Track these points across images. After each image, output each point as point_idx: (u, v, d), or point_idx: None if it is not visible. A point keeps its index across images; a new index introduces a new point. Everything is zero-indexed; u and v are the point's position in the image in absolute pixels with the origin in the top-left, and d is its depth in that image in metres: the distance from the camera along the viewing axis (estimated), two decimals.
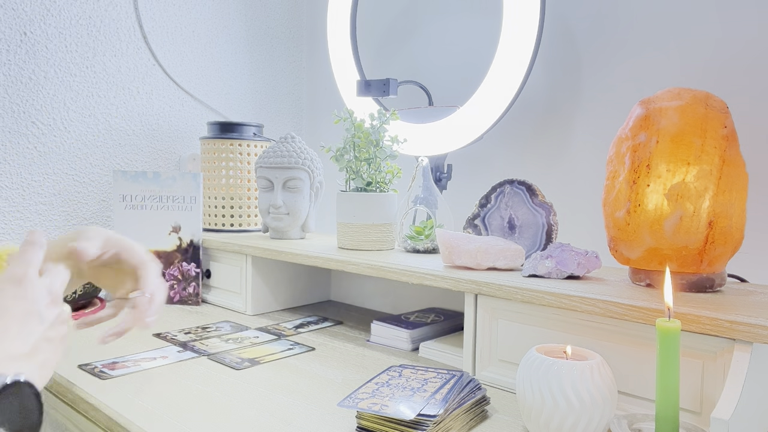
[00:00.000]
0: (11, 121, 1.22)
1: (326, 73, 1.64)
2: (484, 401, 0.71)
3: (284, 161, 1.20)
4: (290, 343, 1.01)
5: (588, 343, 0.72)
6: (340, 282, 1.38)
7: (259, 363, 0.90)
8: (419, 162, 1.11)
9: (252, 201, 1.38)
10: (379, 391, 0.66)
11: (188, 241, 1.26)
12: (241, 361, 0.90)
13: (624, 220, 0.75)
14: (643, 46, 1.06)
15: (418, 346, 0.98)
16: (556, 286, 0.76)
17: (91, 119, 1.33)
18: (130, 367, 0.86)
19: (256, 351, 0.96)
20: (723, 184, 0.71)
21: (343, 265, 0.99)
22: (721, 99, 0.75)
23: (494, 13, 1.12)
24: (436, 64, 1.36)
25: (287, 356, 0.93)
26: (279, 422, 0.68)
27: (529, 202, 0.94)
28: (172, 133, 1.47)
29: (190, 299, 1.26)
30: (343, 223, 1.09)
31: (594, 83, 1.12)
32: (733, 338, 0.60)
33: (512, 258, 0.88)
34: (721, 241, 0.71)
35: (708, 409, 0.63)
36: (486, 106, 1.12)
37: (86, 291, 1.13)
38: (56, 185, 1.28)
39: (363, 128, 1.07)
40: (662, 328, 0.56)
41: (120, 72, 1.37)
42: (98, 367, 0.85)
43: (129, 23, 1.37)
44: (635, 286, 0.78)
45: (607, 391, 0.59)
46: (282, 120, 1.71)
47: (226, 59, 1.57)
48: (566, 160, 1.16)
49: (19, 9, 1.21)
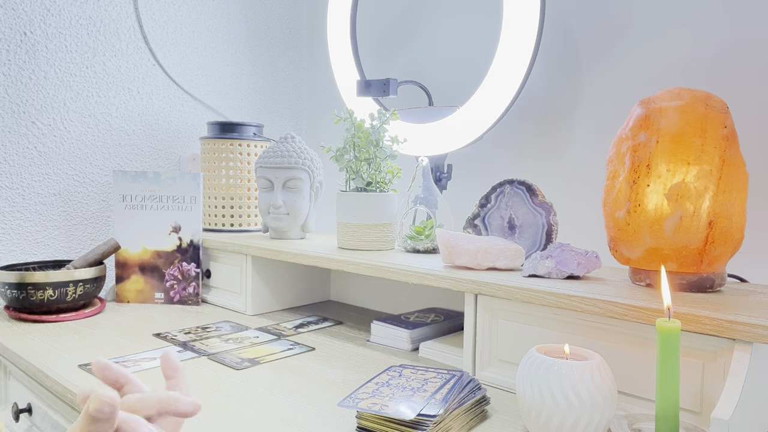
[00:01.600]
0: (11, 121, 1.22)
1: (326, 73, 1.64)
2: (484, 401, 0.71)
3: (284, 161, 1.20)
4: (290, 343, 1.01)
5: (588, 343, 0.72)
6: (340, 282, 1.38)
7: (259, 363, 0.90)
8: (419, 162, 1.11)
9: (252, 201, 1.38)
10: (379, 391, 0.66)
11: (188, 241, 1.26)
12: (241, 361, 0.90)
13: (624, 220, 0.75)
14: (643, 45, 1.06)
15: (418, 346, 0.98)
16: (556, 286, 0.76)
17: (91, 119, 1.33)
18: (130, 367, 0.86)
19: (256, 351, 0.96)
20: (723, 184, 0.71)
21: (343, 265, 0.99)
22: (721, 99, 0.75)
23: (494, 13, 1.12)
24: (436, 64, 1.36)
25: (287, 356, 0.93)
26: (279, 422, 0.68)
27: (529, 202, 0.94)
28: (172, 133, 1.47)
29: (190, 299, 1.26)
30: (343, 223, 1.09)
31: (594, 83, 1.12)
32: (733, 338, 0.60)
33: (512, 258, 0.88)
34: (721, 241, 0.71)
35: (708, 409, 0.63)
36: (486, 106, 1.12)
37: (86, 291, 1.13)
38: (56, 185, 1.28)
39: (363, 128, 1.07)
40: (662, 328, 0.56)
41: (120, 72, 1.37)
42: None
43: (129, 23, 1.37)
44: (635, 286, 0.78)
45: (607, 391, 0.59)
46: (282, 120, 1.71)
47: (226, 59, 1.57)
48: (566, 160, 1.16)
49: (19, 9, 1.21)
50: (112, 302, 1.27)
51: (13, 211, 1.23)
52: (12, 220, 1.23)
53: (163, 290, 1.26)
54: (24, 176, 1.24)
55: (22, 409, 0.97)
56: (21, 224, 1.24)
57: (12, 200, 1.22)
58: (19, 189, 1.23)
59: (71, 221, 1.31)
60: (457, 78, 1.31)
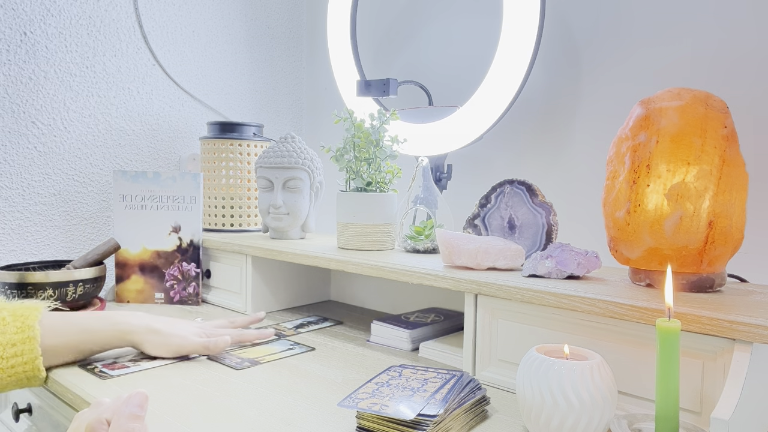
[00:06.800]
0: (11, 121, 1.22)
1: (326, 73, 1.64)
2: (484, 401, 0.71)
3: (284, 161, 1.20)
4: (290, 343, 1.01)
5: (588, 343, 0.72)
6: (340, 282, 1.38)
7: (259, 363, 0.90)
8: (419, 162, 1.11)
9: (252, 201, 1.38)
10: (379, 391, 0.66)
11: (188, 241, 1.26)
12: (241, 361, 0.90)
13: (624, 220, 0.75)
14: (643, 46, 1.06)
15: (418, 346, 0.98)
16: (556, 286, 0.76)
17: (91, 119, 1.33)
18: (130, 367, 0.86)
19: (256, 351, 0.96)
20: (723, 184, 0.71)
21: (343, 265, 0.99)
22: (721, 99, 0.75)
23: (494, 13, 1.12)
24: (436, 64, 1.36)
25: (287, 356, 0.93)
26: (279, 422, 0.68)
27: (529, 202, 0.94)
28: (172, 133, 1.47)
29: (190, 299, 1.26)
30: (343, 223, 1.09)
31: (594, 83, 1.12)
32: (733, 338, 0.60)
33: (512, 258, 0.88)
34: (721, 241, 0.71)
35: (708, 409, 0.63)
36: (486, 106, 1.12)
37: (86, 291, 1.13)
38: (56, 185, 1.28)
39: (363, 128, 1.07)
40: (662, 328, 0.56)
41: (120, 72, 1.37)
42: (98, 367, 0.85)
43: (129, 23, 1.37)
44: (635, 286, 0.78)
45: (607, 391, 0.59)
46: (282, 120, 1.71)
47: (226, 59, 1.57)
48: (566, 160, 1.16)
49: (19, 9, 1.21)
50: (112, 302, 1.27)
51: (13, 211, 1.23)
52: (12, 220, 1.23)
53: (163, 290, 1.26)
54: (24, 176, 1.24)
55: (22, 409, 0.97)
56: (21, 224, 1.24)
57: (12, 200, 1.22)
58: (19, 189, 1.23)
59: (71, 221, 1.31)
60: (457, 78, 1.31)
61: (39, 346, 0.79)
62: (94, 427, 0.53)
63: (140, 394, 0.55)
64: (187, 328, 0.93)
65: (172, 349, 0.89)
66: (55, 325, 0.84)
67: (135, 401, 0.54)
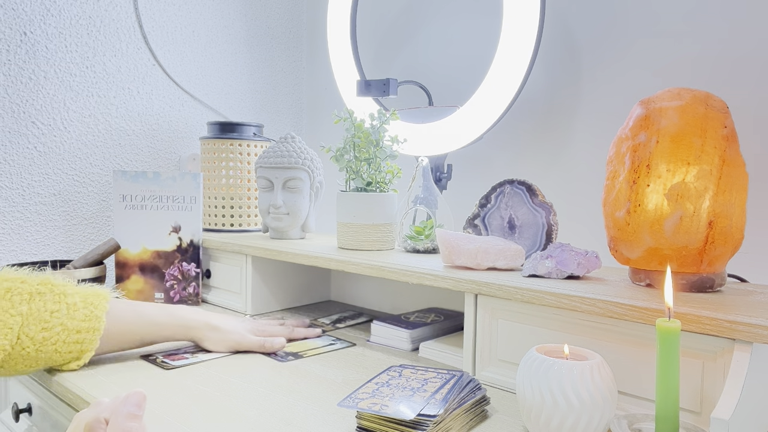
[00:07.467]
0: (11, 121, 1.22)
1: (326, 73, 1.64)
2: (484, 401, 0.71)
3: (284, 161, 1.20)
4: (332, 339, 1.02)
5: (588, 343, 0.72)
6: (340, 282, 1.38)
7: (302, 357, 0.91)
8: (419, 162, 1.11)
9: (252, 201, 1.38)
10: (379, 391, 0.66)
11: (188, 241, 1.26)
12: (285, 356, 0.92)
13: (624, 220, 0.75)
14: (643, 45, 1.06)
15: (418, 346, 0.98)
16: (556, 286, 0.76)
17: (91, 119, 1.33)
18: (189, 358, 0.88)
19: (299, 345, 0.97)
20: (723, 184, 0.71)
21: (343, 265, 0.99)
22: (721, 99, 0.75)
23: (494, 13, 1.12)
24: (436, 64, 1.36)
25: (330, 350, 0.95)
26: (279, 422, 0.68)
27: (529, 202, 0.94)
28: (172, 133, 1.47)
29: (190, 299, 1.26)
30: (343, 223, 1.09)
31: (594, 83, 1.12)
32: (733, 338, 0.60)
33: (512, 258, 0.88)
34: (721, 241, 0.71)
35: (708, 409, 0.63)
36: (486, 106, 1.12)
37: None
38: (56, 185, 1.28)
39: (363, 128, 1.07)
40: (662, 328, 0.56)
41: (120, 72, 1.37)
42: (159, 357, 0.88)
43: (129, 23, 1.37)
44: (635, 286, 0.78)
45: (607, 391, 0.59)
46: (282, 120, 1.71)
47: (226, 59, 1.57)
48: (566, 160, 1.16)
49: (19, 9, 1.21)
50: None
51: (13, 211, 1.23)
52: (12, 220, 1.23)
53: (163, 290, 1.26)
54: (24, 176, 1.24)
55: (22, 409, 0.97)
56: (21, 224, 1.24)
57: (12, 200, 1.22)
58: (19, 189, 1.23)
59: (71, 221, 1.31)
60: (457, 78, 1.31)
61: (99, 338, 0.82)
62: (93, 426, 0.53)
63: (138, 393, 0.55)
64: (242, 325, 0.97)
65: (230, 346, 0.93)
66: (124, 314, 0.87)
67: (133, 401, 0.55)
